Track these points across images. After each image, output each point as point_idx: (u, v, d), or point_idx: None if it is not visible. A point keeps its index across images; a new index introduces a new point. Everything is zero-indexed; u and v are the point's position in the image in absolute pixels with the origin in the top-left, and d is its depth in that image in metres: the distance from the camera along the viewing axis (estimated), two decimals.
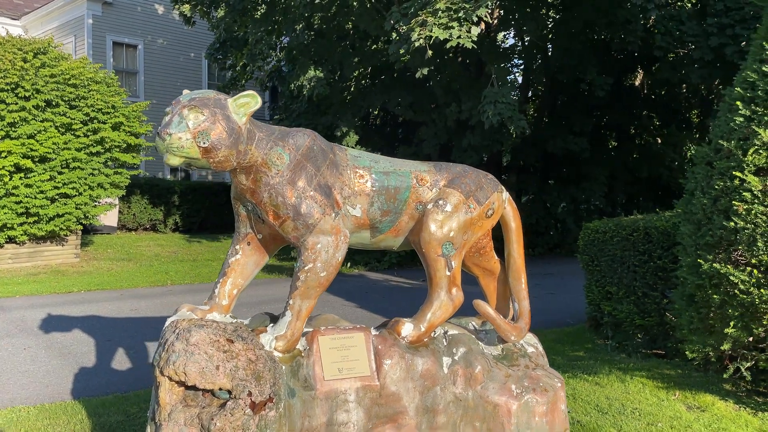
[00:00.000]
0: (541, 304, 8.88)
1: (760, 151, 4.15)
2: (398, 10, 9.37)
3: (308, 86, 11.58)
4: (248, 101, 2.60)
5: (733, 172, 4.17)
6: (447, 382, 2.98)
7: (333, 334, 2.89)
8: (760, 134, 4.16)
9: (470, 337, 3.17)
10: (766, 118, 4.20)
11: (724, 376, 4.68)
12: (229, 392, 2.54)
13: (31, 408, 4.38)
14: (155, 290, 9.83)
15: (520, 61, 13.97)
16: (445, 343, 3.10)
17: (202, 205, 19.57)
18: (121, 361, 5.70)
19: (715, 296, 4.25)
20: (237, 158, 2.60)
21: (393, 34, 10.78)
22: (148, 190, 18.23)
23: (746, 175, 4.14)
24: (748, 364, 4.47)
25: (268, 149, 2.71)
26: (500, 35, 8.48)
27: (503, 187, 3.29)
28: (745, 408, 4.59)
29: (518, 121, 9.54)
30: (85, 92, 11.33)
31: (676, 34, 11.10)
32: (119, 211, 17.69)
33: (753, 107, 4.34)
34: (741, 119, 4.36)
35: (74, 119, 11.14)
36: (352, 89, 13.42)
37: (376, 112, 13.95)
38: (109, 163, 12.17)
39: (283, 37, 12.35)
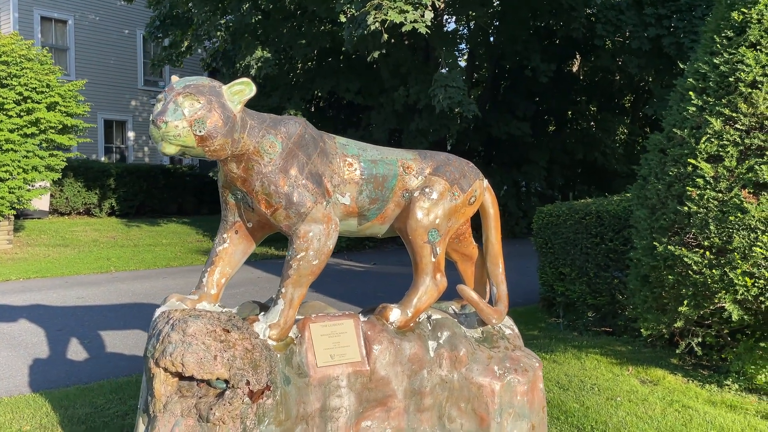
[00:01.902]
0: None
1: (712, 140, 4.39)
2: None
3: (255, 67, 11.37)
4: (243, 89, 2.57)
5: (688, 159, 4.40)
6: (433, 365, 3.06)
7: (323, 321, 2.92)
8: (711, 123, 4.40)
9: (453, 321, 3.26)
10: (717, 108, 4.44)
11: (677, 351, 4.97)
12: (226, 382, 2.54)
13: None
14: (99, 277, 9.52)
15: (465, 47, 14.13)
16: (429, 328, 3.17)
17: (139, 189, 18.96)
18: (76, 352, 5.54)
19: (669, 276, 4.49)
20: (232, 146, 2.57)
21: (342, 16, 10.72)
22: (82, 173, 17.52)
23: (699, 162, 4.38)
24: (698, 340, 4.76)
25: (260, 137, 2.69)
26: (445, 20, 8.56)
27: (483, 175, 3.38)
28: (692, 381, 4.89)
29: (468, 105, 9.68)
30: (17, 70, 10.77)
31: (616, 24, 11.48)
32: (51, 195, 16.96)
33: (705, 97, 4.58)
34: (693, 109, 4.60)
35: (6, 99, 10.58)
36: (299, 71, 13.26)
37: (321, 95, 13.83)
38: (44, 144, 11.64)
39: (227, 16, 12.04)
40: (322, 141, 2.90)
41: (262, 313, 2.86)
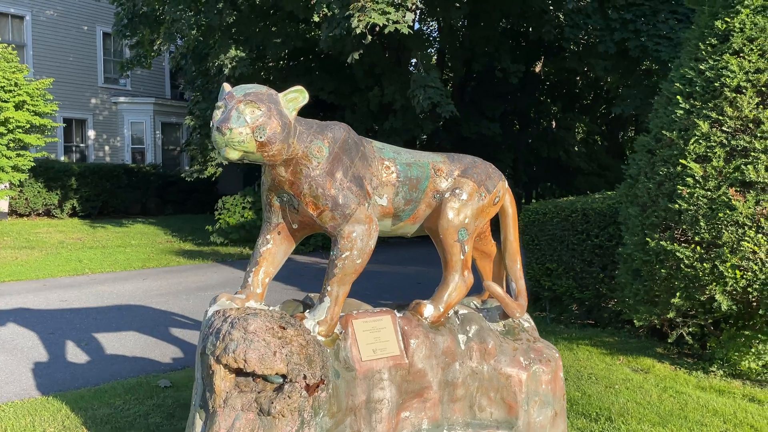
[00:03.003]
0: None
1: (700, 141, 4.68)
2: None
3: (229, 66, 11.34)
4: (297, 96, 2.69)
5: (680, 160, 4.68)
6: (465, 358, 3.22)
7: (365, 318, 3.05)
8: (699, 126, 4.69)
9: (479, 315, 3.43)
10: (704, 111, 4.73)
11: (669, 340, 5.26)
12: (284, 376, 2.64)
13: (3, 406, 4.19)
14: (76, 280, 9.38)
15: (435, 48, 14.36)
16: (458, 322, 3.33)
17: (102, 189, 18.61)
18: (76, 354, 5.51)
19: (662, 270, 4.76)
20: (287, 152, 2.68)
21: (315, 17, 10.79)
22: (42, 173, 17.07)
23: (689, 162, 4.66)
24: (689, 329, 5.06)
25: (308, 142, 2.80)
26: (414, 20, 8.71)
27: (504, 177, 3.56)
28: (679, 368, 5.20)
29: (446, 106, 9.90)
30: None
31: (583, 27, 11.87)
32: (9, 196, 16.49)
33: (692, 101, 4.87)
34: (681, 112, 4.89)
35: None
36: (272, 71, 13.26)
37: None
38: (11, 144, 11.37)
39: (200, 15, 11.95)
40: (362, 145, 3.03)
41: (308, 310, 2.97)
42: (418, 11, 8.81)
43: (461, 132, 13.97)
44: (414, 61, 11.23)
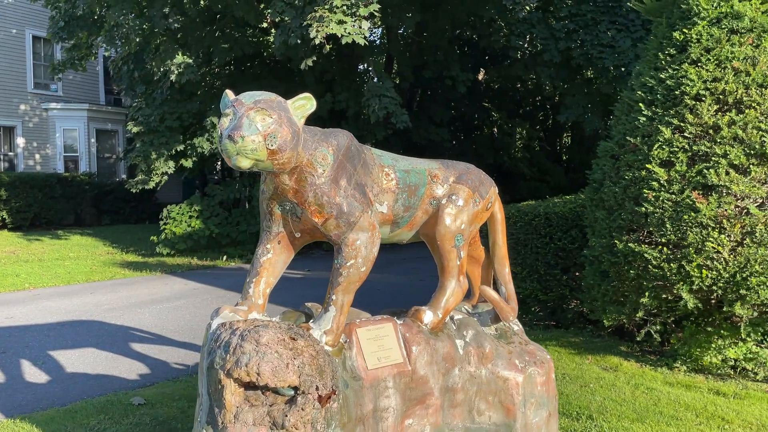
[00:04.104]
0: (432, 286, 9.44)
1: (664, 147, 4.88)
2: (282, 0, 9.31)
3: (176, 72, 11.05)
4: (304, 103, 2.65)
5: (646, 165, 4.87)
6: (463, 363, 3.24)
7: (368, 326, 3.03)
8: (662, 132, 4.89)
9: (474, 320, 3.46)
10: (666, 118, 4.94)
11: (637, 338, 5.45)
12: (296, 388, 2.59)
13: None
14: (18, 295, 8.91)
15: (385, 56, 14.43)
16: (454, 327, 3.36)
17: (33, 199, 17.76)
18: (34, 374, 5.23)
19: (630, 271, 4.94)
20: (295, 159, 2.64)
21: (264, 23, 10.68)
22: None
23: (653, 167, 4.86)
24: (656, 327, 5.26)
25: (313, 150, 2.76)
26: (367, 28, 8.73)
27: (494, 183, 3.61)
28: (645, 365, 5.39)
29: (401, 116, 9.96)
30: None
31: (528, 37, 12.20)
32: None
33: (653, 109, 5.08)
34: (644, 119, 5.09)
35: None
36: (219, 76, 13.00)
37: None
38: None
39: (142, 19, 11.60)
40: (363, 152, 3.02)
41: (312, 320, 2.92)
42: (371, 20, 8.82)
43: (412, 138, 14.09)
44: (364, 67, 11.24)
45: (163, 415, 4.16)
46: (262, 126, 2.47)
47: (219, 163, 19.26)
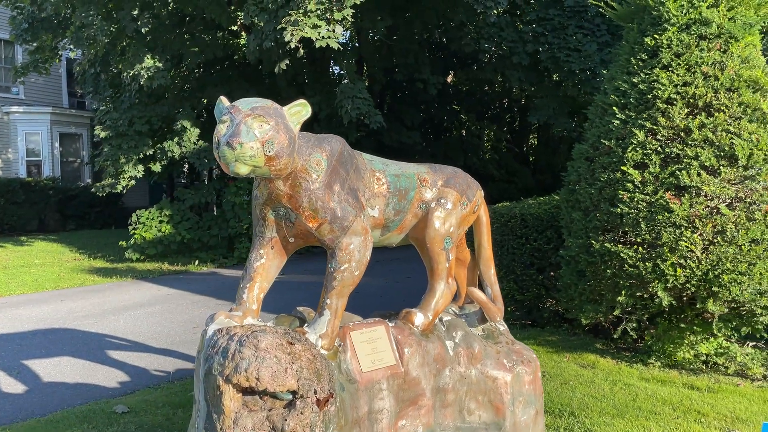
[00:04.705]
0: (405, 287, 9.51)
1: (637, 149, 5.02)
2: (255, 3, 9.28)
3: (146, 76, 10.91)
4: (300, 110, 2.67)
5: (621, 167, 5.00)
6: (454, 363, 3.30)
7: (361, 329, 3.06)
8: (636, 135, 5.04)
9: (462, 321, 3.52)
10: (639, 121, 5.09)
11: (614, 336, 5.58)
12: (294, 393, 2.61)
13: None
14: None
15: (355, 59, 14.46)
16: (444, 329, 3.41)
17: None
18: (10, 384, 5.12)
19: (607, 271, 5.06)
20: (291, 165, 2.66)
21: (234, 26, 10.61)
22: None
23: (628, 169, 4.99)
24: (633, 325, 5.40)
25: (307, 155, 2.79)
26: (340, 33, 8.73)
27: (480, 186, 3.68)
28: (620, 362, 5.53)
29: (375, 117, 10.01)
30: None
31: (497, 40, 12.37)
32: None
33: (627, 112, 5.22)
34: (618, 122, 5.23)
35: None
36: (189, 80, 12.86)
37: (214, 104, 13.52)
38: None
39: (110, 21, 11.42)
40: (354, 157, 3.05)
41: (306, 324, 2.94)
42: (344, 24, 8.84)
43: (383, 140, 14.15)
44: (335, 70, 11.25)
45: (148, 422, 4.12)
46: (259, 133, 2.49)
47: (186, 166, 19.06)
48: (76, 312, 7.99)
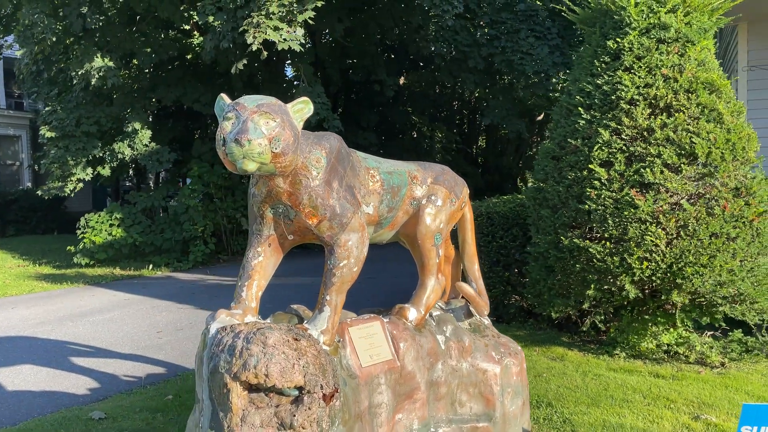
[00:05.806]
0: (369, 288, 9.53)
1: (603, 148, 5.21)
2: (212, 2, 9.15)
3: (97, 76, 10.60)
4: (303, 107, 2.69)
5: (588, 166, 5.18)
6: (446, 357, 3.36)
7: (358, 325, 3.09)
8: (602, 134, 5.23)
9: (450, 315, 3.59)
10: (604, 121, 5.28)
11: (583, 329, 5.76)
12: (300, 388, 2.62)
13: None
14: None
15: (312, 61, 14.42)
16: (434, 323, 3.47)
17: None
18: None
19: (576, 266, 5.24)
20: (294, 162, 2.67)
21: (186, 26, 10.43)
22: None
23: (595, 167, 5.18)
24: (601, 318, 5.59)
25: (307, 153, 2.80)
26: (302, 35, 8.71)
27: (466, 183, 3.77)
28: (587, 354, 5.72)
29: (333, 121, 10.00)
30: None
31: (452, 43, 12.55)
32: None
33: (592, 112, 5.41)
34: (583, 122, 5.41)
35: None
36: (141, 79, 12.54)
37: (165, 104, 13.20)
38: None
39: (56, 19, 11.06)
40: (350, 155, 3.08)
41: (306, 321, 2.95)
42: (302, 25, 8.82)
43: None
44: (291, 71, 11.21)
45: (128, 428, 4.03)
46: (267, 129, 2.50)
47: (133, 169, 18.58)
48: (30, 319, 7.70)
